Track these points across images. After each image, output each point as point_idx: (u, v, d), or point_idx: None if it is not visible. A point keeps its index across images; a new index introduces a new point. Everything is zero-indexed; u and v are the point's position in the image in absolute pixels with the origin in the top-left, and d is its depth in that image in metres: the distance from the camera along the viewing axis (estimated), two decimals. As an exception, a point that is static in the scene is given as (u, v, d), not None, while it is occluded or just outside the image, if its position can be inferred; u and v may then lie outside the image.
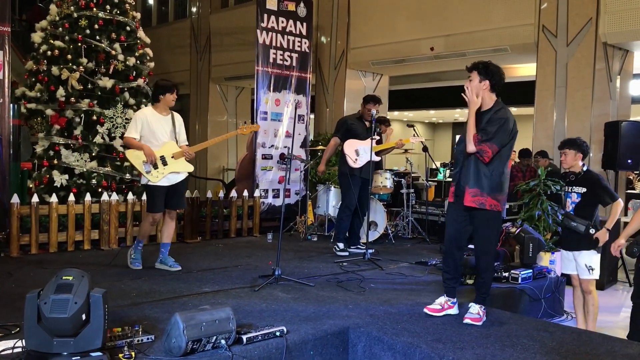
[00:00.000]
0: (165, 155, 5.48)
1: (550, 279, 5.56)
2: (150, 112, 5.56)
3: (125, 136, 5.54)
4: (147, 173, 5.39)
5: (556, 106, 8.63)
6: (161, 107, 5.57)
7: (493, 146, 3.99)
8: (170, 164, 5.49)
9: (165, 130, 5.54)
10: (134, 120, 5.49)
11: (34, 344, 2.97)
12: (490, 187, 4.02)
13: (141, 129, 5.44)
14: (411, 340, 3.63)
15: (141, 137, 5.45)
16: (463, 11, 9.53)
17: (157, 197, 5.49)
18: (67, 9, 7.65)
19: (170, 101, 5.59)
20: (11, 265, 5.67)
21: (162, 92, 5.54)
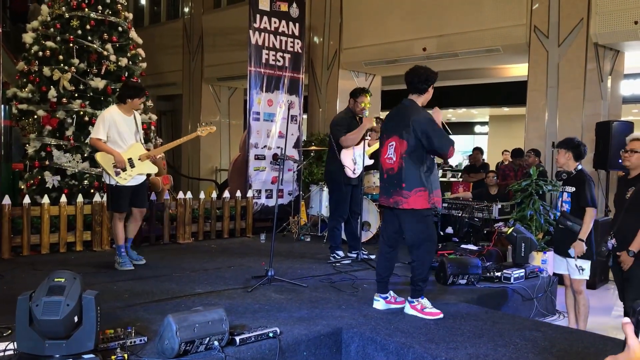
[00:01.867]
0: (133, 158, 5.59)
1: (543, 279, 5.59)
2: (116, 112, 5.58)
3: (92, 137, 5.55)
4: (116, 175, 5.50)
5: (548, 106, 8.68)
6: (126, 109, 5.63)
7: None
8: (137, 165, 5.62)
9: (130, 132, 5.64)
10: (101, 121, 5.50)
11: (25, 347, 2.95)
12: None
13: (108, 130, 5.48)
14: (404, 340, 3.64)
15: (108, 138, 5.50)
16: (455, 12, 9.56)
17: (124, 197, 5.61)
18: (59, 9, 7.62)
19: (137, 105, 5.72)
20: (3, 267, 5.63)
21: (131, 94, 5.60)
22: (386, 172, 4.32)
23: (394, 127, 4.29)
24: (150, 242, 7.25)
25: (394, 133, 4.26)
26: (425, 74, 4.32)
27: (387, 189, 4.29)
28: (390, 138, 4.29)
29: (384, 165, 4.34)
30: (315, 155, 9.86)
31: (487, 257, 6.22)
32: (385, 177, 4.34)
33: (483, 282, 5.30)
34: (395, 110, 4.40)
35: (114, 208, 5.68)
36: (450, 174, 14.88)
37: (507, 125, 18.98)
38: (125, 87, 5.78)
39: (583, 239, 4.71)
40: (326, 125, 11.40)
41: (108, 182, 5.60)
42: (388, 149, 4.30)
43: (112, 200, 5.68)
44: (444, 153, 4.18)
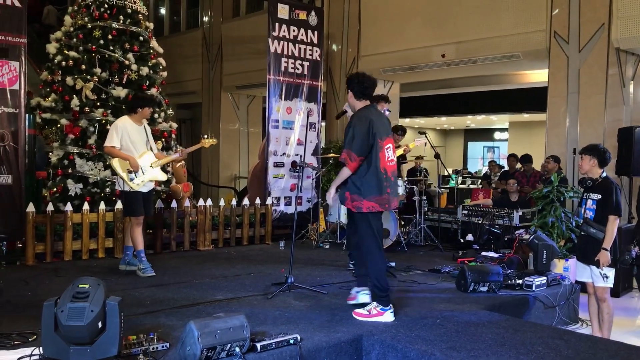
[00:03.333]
0: (145, 164, 5.73)
1: (565, 286, 5.52)
2: (128, 122, 5.77)
3: (106, 145, 5.69)
4: (130, 181, 5.63)
5: (569, 112, 8.60)
6: (137, 118, 5.82)
7: (349, 152, 4.24)
8: (148, 172, 5.77)
9: (141, 140, 5.81)
10: (114, 129, 5.67)
11: (51, 352, 3.00)
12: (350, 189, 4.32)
13: (121, 138, 5.64)
14: (425, 347, 3.62)
15: (121, 146, 5.65)
16: (474, 18, 9.53)
17: (138, 202, 5.75)
18: (81, 19, 7.75)
19: (147, 114, 5.91)
20: (27, 274, 5.73)
21: (142, 105, 5.80)
22: (392, 174, 4.38)
23: (386, 130, 4.42)
24: (170, 248, 7.30)
25: (388, 135, 4.41)
26: (374, 82, 4.49)
27: (395, 191, 4.39)
28: (385, 140, 4.37)
29: (390, 168, 4.36)
30: (333, 163, 9.86)
31: (508, 264, 6.17)
32: (393, 179, 4.38)
33: (504, 290, 5.25)
34: (378, 115, 4.47)
35: (130, 213, 5.79)
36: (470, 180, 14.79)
37: (527, 131, 18.81)
38: (136, 98, 6.03)
39: (608, 248, 4.66)
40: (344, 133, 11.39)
41: (122, 188, 5.75)
42: (386, 151, 4.36)
43: (128, 206, 5.82)
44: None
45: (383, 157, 4.31)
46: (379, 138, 4.28)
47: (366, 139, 4.21)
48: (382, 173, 4.29)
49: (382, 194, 4.27)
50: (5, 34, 6.09)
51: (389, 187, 4.32)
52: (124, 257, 6.00)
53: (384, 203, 4.28)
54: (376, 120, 4.32)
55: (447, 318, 4.31)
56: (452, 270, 6.08)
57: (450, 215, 8.36)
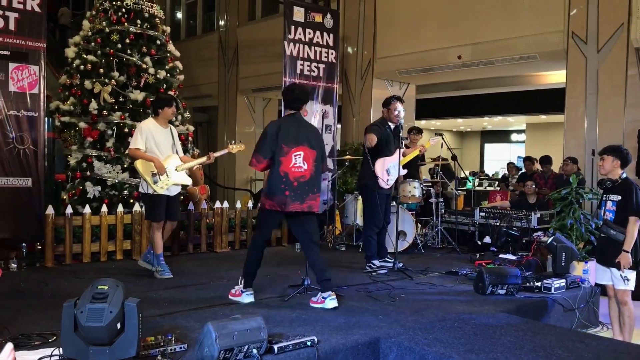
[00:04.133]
0: (169, 168, 5.68)
1: (584, 289, 5.46)
2: (153, 124, 5.72)
3: (131, 148, 5.67)
4: (154, 183, 5.58)
5: (587, 113, 8.51)
6: (161, 120, 5.77)
7: (255, 155, 4.74)
8: (173, 176, 5.70)
9: (167, 143, 5.75)
10: (138, 132, 5.63)
11: (70, 352, 3.03)
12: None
13: (146, 141, 5.60)
14: (443, 350, 3.60)
15: (146, 149, 5.61)
16: (490, 19, 9.48)
17: (160, 205, 5.69)
18: (99, 24, 7.83)
19: (169, 114, 5.82)
20: (46, 275, 5.79)
21: (161, 105, 5.74)
22: (295, 179, 4.68)
23: (300, 138, 4.72)
24: (187, 250, 7.34)
25: (302, 144, 4.70)
26: (300, 95, 4.86)
27: (300, 195, 4.68)
28: (295, 148, 4.68)
29: (293, 174, 4.68)
30: (349, 165, 9.85)
31: (526, 267, 6.12)
32: (296, 184, 4.67)
33: (522, 292, 5.20)
34: (296, 123, 4.80)
35: (152, 217, 5.78)
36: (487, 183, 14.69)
37: (545, 133, 18.67)
38: (156, 100, 5.98)
39: (628, 250, 4.59)
40: (360, 134, 11.39)
41: (145, 191, 5.68)
42: (293, 158, 4.68)
43: (149, 209, 5.78)
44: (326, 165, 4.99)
45: (286, 162, 4.66)
46: (284, 144, 4.65)
47: (267, 144, 4.65)
48: (282, 176, 4.65)
49: (281, 195, 4.65)
50: (25, 39, 6.17)
51: (288, 190, 4.65)
52: (146, 254, 5.98)
53: (281, 204, 4.66)
54: (288, 127, 4.71)
55: (465, 320, 4.28)
56: (469, 272, 6.04)
57: (467, 218, 8.30)
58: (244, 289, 4.85)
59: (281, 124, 4.73)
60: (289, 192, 4.64)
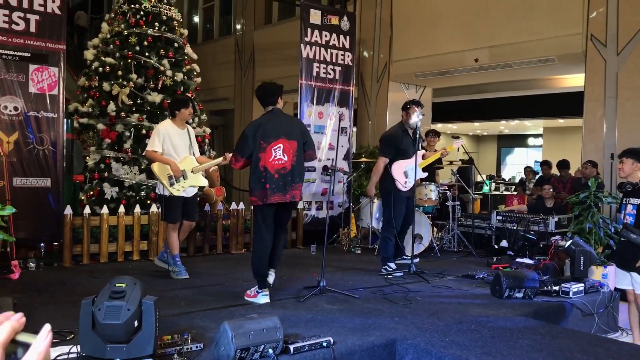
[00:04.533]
0: (186, 170, 5.70)
1: (604, 294, 5.39)
2: (170, 126, 5.75)
3: (148, 150, 5.71)
4: (170, 186, 5.61)
5: (606, 117, 8.41)
6: (178, 122, 5.80)
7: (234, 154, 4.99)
8: (190, 178, 5.73)
9: (184, 145, 5.78)
10: (156, 134, 5.67)
11: (88, 350, 3.05)
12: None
13: (163, 143, 5.63)
14: (460, 353, 3.57)
15: (163, 151, 5.64)
16: (508, 22, 9.42)
17: (176, 207, 5.72)
18: (118, 26, 7.90)
19: (186, 115, 5.86)
20: (64, 275, 5.85)
21: (178, 107, 5.78)
22: (276, 171, 4.82)
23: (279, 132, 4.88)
24: (203, 252, 7.37)
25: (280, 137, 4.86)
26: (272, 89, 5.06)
27: (283, 186, 4.82)
28: (274, 142, 4.83)
29: (274, 166, 4.82)
30: (365, 168, 9.83)
31: (544, 271, 6.05)
32: (277, 176, 4.81)
33: (540, 296, 5.14)
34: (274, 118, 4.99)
35: (168, 219, 5.81)
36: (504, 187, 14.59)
37: (562, 137, 18.50)
38: (172, 101, 6.02)
39: None
40: (376, 138, 11.35)
41: (162, 192, 5.72)
42: (273, 151, 4.83)
43: (165, 210, 5.81)
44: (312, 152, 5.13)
45: (266, 157, 4.80)
46: (262, 140, 4.81)
47: (246, 143, 4.84)
48: (262, 171, 4.78)
49: (261, 190, 4.79)
50: (45, 41, 6.24)
51: (268, 183, 4.77)
52: (163, 252, 6.02)
53: (262, 197, 4.80)
54: (266, 123, 4.90)
55: (482, 323, 4.25)
56: (486, 276, 5.99)
57: (484, 221, 8.24)
58: (259, 290, 4.89)
59: (261, 122, 4.93)
60: (269, 185, 4.77)
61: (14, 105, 6.08)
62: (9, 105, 6.05)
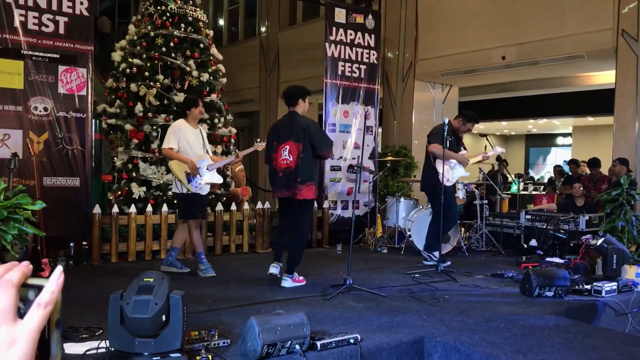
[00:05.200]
0: (202, 167, 5.75)
1: (638, 293, 5.24)
2: (184, 125, 5.82)
3: (164, 147, 5.77)
4: (188, 183, 5.66)
5: (638, 114, 8.22)
6: (191, 121, 5.87)
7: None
8: (205, 175, 5.78)
9: (198, 143, 5.84)
10: (171, 132, 5.74)
11: (117, 344, 3.06)
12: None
13: (179, 141, 5.69)
14: (489, 350, 3.51)
15: (179, 149, 5.69)
16: (535, 18, 9.27)
17: (196, 204, 5.80)
18: (145, 28, 7.99)
19: (197, 114, 5.94)
20: (93, 272, 5.93)
21: (189, 106, 5.88)
22: (282, 170, 5.31)
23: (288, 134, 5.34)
24: (229, 251, 7.40)
25: (289, 139, 5.30)
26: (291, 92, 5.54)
27: (285, 183, 5.30)
28: (283, 143, 5.34)
29: (280, 166, 5.33)
30: (391, 167, 9.77)
31: (575, 270, 5.93)
32: (281, 174, 5.32)
33: (571, 295, 5.03)
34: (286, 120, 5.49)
35: (189, 216, 5.84)
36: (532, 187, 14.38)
37: (592, 136, 18.15)
38: (184, 101, 6.13)
39: None
40: (402, 137, 11.30)
41: (180, 191, 5.76)
42: (282, 152, 5.34)
43: (186, 208, 5.84)
44: (323, 153, 5.41)
45: (277, 157, 5.36)
46: (275, 141, 5.41)
47: (268, 143, 5.54)
48: (274, 169, 5.40)
49: (272, 185, 5.51)
50: (74, 42, 6.34)
51: (275, 180, 5.42)
52: (168, 257, 6.04)
53: (274, 193, 5.53)
54: (280, 126, 5.51)
55: (512, 322, 4.17)
56: (515, 275, 5.89)
57: (512, 220, 8.11)
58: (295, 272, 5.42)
59: (276, 125, 5.59)
60: (275, 183, 5.41)
61: (44, 106, 6.18)
62: (39, 105, 6.16)
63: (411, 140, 11.21)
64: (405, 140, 11.19)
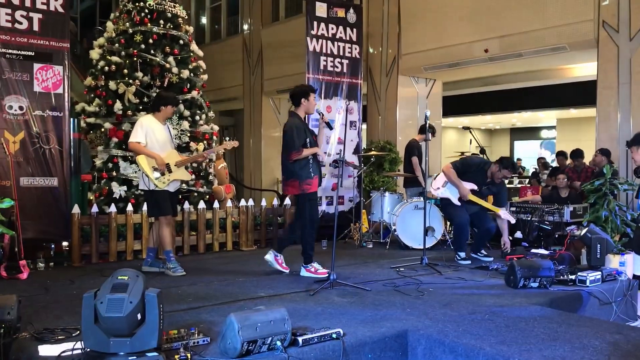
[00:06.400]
0: (170, 163, 5.67)
1: (621, 282, 5.24)
2: (153, 120, 5.73)
3: (131, 141, 5.63)
4: (156, 179, 5.56)
5: (620, 104, 8.25)
6: (160, 117, 5.79)
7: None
8: (174, 171, 5.70)
9: (166, 139, 5.76)
10: (139, 126, 5.63)
11: (91, 344, 2.98)
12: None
13: (146, 136, 5.59)
14: (474, 342, 3.47)
15: (147, 144, 5.59)
16: (517, 10, 9.27)
17: (165, 200, 5.70)
18: (123, 25, 7.86)
19: (170, 113, 5.91)
20: (73, 274, 5.81)
21: (165, 103, 5.77)
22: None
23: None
24: (213, 249, 7.31)
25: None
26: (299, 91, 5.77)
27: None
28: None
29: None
30: (376, 162, 9.73)
31: (560, 261, 5.91)
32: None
33: (556, 286, 5.02)
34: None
35: (159, 212, 5.74)
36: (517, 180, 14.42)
37: (576, 128, 18.26)
38: (159, 97, 5.97)
39: None
40: (386, 133, 11.27)
41: (147, 187, 5.64)
42: None
43: (154, 205, 5.74)
44: (284, 155, 5.52)
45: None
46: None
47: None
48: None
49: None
50: (49, 39, 6.21)
51: None
52: (147, 258, 5.96)
53: None
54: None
55: (497, 313, 4.14)
56: (500, 267, 5.88)
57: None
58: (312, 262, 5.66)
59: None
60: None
61: (19, 105, 6.06)
62: (14, 104, 6.03)
63: (396, 135, 11.19)
64: (389, 135, 11.17)
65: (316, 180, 5.64)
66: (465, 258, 6.52)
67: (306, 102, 5.65)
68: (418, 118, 11.39)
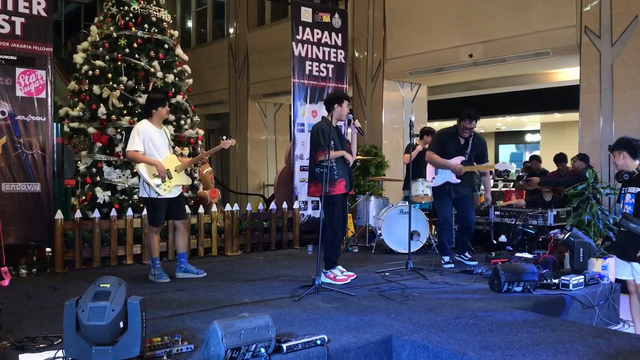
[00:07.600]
0: (170, 169, 5.61)
1: (604, 286, 5.30)
2: (149, 126, 5.64)
3: (129, 150, 5.56)
4: (157, 186, 5.50)
5: (602, 109, 8.34)
6: (155, 121, 5.71)
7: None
8: (174, 177, 5.65)
9: (164, 144, 5.69)
10: (136, 133, 5.54)
11: (73, 353, 2.96)
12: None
13: (144, 143, 5.52)
14: (458, 347, 3.48)
15: (145, 151, 5.54)
16: (501, 16, 9.35)
17: (161, 209, 5.65)
18: (107, 29, 7.81)
19: (164, 114, 5.78)
20: (56, 280, 5.75)
21: (155, 105, 5.68)
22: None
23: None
24: (198, 254, 7.27)
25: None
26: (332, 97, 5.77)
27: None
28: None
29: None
30: (361, 167, 9.75)
31: (544, 265, 5.96)
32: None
33: (540, 290, 5.06)
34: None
35: (152, 222, 5.71)
36: (502, 183, 14.52)
37: (560, 132, 18.41)
38: (148, 101, 5.91)
39: None
40: (372, 137, 11.30)
41: (147, 195, 5.57)
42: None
43: (150, 213, 5.71)
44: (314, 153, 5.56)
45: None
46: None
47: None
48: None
49: None
50: (32, 43, 6.15)
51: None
52: (180, 264, 5.91)
53: None
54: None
55: (481, 318, 4.16)
56: (485, 271, 5.90)
57: (482, 217, 8.14)
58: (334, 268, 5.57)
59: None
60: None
61: (1, 110, 5.99)
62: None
63: (382, 139, 11.23)
64: (375, 139, 11.20)
65: (342, 183, 5.56)
66: (449, 262, 6.56)
67: (339, 109, 5.66)
68: (403, 122, 11.44)
